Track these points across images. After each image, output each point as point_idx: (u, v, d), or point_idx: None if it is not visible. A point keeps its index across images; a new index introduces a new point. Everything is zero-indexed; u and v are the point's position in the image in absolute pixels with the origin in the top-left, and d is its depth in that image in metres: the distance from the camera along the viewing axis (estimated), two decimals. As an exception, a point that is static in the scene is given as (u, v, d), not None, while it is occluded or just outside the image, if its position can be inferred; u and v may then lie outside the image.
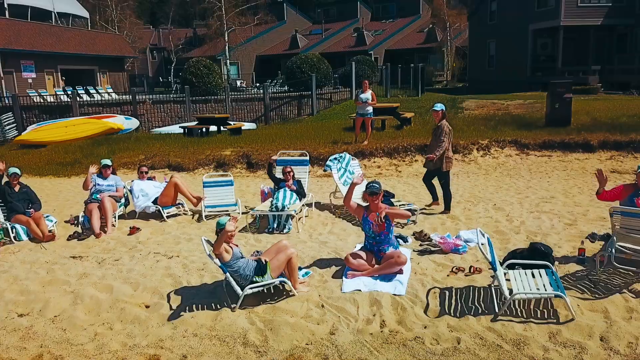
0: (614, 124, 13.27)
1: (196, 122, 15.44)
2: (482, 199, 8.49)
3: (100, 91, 27.60)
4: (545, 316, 4.28)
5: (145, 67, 51.61)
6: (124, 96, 19.23)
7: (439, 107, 7.32)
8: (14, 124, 16.43)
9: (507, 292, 4.27)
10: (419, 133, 13.42)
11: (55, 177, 12.13)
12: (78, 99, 20.41)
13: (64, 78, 27.27)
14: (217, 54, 39.25)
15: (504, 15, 28.31)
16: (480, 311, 4.40)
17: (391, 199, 7.29)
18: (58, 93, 25.30)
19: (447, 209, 7.53)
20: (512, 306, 4.41)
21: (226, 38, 37.87)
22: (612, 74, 24.34)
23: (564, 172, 10.64)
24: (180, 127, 15.54)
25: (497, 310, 4.36)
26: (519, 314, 4.32)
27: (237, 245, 4.82)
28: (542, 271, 4.62)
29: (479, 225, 6.90)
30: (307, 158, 8.70)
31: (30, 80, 28.25)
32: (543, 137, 12.20)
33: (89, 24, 37.21)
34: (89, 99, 23.79)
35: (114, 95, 25.66)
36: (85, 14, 36.93)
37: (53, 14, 32.58)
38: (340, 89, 23.17)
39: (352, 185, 5.34)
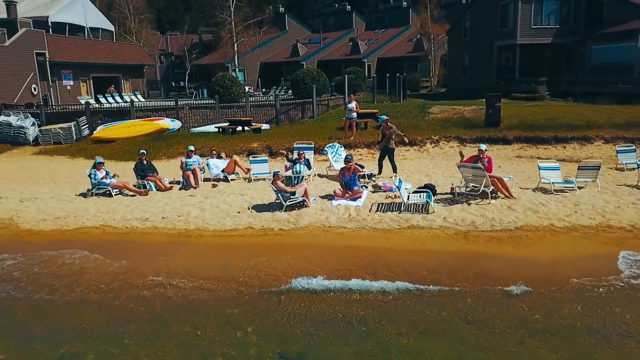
0: (532, 125, 18.40)
1: (228, 123, 20.59)
2: (420, 171, 13.69)
3: (131, 96, 32.67)
4: (422, 212, 9.50)
5: (154, 72, 56.37)
6: (168, 102, 24.34)
7: (385, 117, 12.57)
8: (87, 124, 21.55)
9: (405, 200, 9.48)
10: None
11: (134, 161, 17.22)
12: (106, 105, 25.63)
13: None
14: (226, 61, 43.89)
15: (475, 32, 33.34)
16: (393, 210, 9.62)
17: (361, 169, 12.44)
18: (101, 100, 30.61)
19: (395, 172, 12.71)
20: (408, 208, 9.62)
21: (235, 49, 42.80)
22: (560, 84, 29.29)
23: (484, 157, 15.82)
24: (215, 127, 20.71)
25: (402, 209, 9.55)
26: (411, 211, 9.55)
27: (282, 183, 10.04)
28: (425, 194, 9.81)
29: (412, 183, 12.08)
30: (312, 145, 14.00)
31: (69, 88, 33.38)
32: (477, 134, 17.37)
33: (114, 36, 42.33)
34: (117, 105, 28.72)
35: (142, 100, 30.62)
36: (110, 27, 42.03)
37: (86, 29, 37.74)
38: (336, 96, 28.26)
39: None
